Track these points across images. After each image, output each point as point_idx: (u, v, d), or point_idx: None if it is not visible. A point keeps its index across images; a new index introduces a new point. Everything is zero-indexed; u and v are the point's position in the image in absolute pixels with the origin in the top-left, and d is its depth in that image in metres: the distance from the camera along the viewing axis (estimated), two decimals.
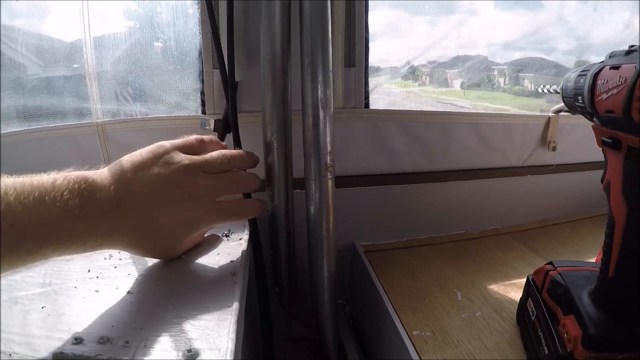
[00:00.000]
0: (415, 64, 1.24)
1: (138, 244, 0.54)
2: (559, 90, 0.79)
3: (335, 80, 0.91)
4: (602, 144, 0.60)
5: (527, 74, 1.60)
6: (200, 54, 0.89)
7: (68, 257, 0.47)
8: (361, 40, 0.94)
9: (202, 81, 0.89)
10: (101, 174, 0.51)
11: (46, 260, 0.43)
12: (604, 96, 0.60)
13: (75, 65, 0.97)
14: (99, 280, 0.58)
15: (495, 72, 1.52)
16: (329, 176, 0.71)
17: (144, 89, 0.95)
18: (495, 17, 1.48)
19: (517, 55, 1.55)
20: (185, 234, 0.58)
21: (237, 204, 0.63)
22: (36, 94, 1.02)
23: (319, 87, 0.70)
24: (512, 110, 1.34)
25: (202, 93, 0.91)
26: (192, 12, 0.90)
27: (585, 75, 0.68)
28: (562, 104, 0.76)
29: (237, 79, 0.80)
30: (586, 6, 1.48)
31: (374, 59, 1.03)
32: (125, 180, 0.51)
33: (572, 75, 0.74)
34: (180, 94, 0.94)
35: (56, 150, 0.97)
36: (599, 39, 1.54)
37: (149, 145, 0.57)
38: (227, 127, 0.81)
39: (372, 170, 1.02)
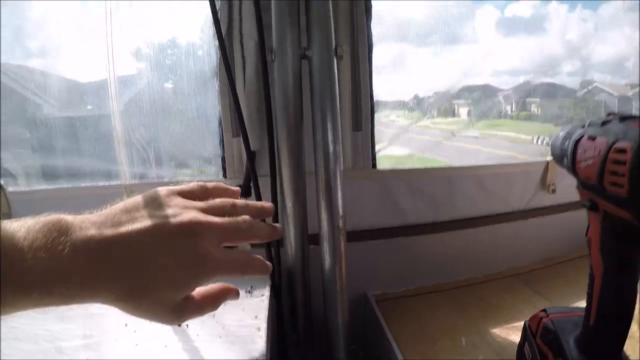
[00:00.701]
0: (422, 95, 1.31)
1: (124, 296, 0.42)
2: (549, 145, 0.87)
3: (344, 143, 1.01)
4: (583, 205, 0.68)
5: (533, 99, 1.65)
6: (220, 122, 1.00)
7: (104, 310, 0.42)
8: (367, 105, 1.05)
9: (223, 148, 1.00)
10: (83, 217, 0.43)
11: (29, 307, 0.38)
12: (582, 164, 0.69)
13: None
14: (136, 335, 0.66)
15: (502, 99, 1.57)
16: (341, 238, 0.80)
17: (168, 153, 1.06)
18: (498, 44, 1.57)
19: (523, 80, 1.59)
20: (182, 283, 0.45)
21: (248, 257, 0.52)
22: (68, 155, 1.13)
23: (330, 152, 0.80)
24: (517, 137, 1.44)
25: (223, 159, 1.01)
26: (211, 85, 1.01)
27: (569, 139, 0.77)
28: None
29: (254, 148, 0.91)
30: (587, 25, 1.54)
31: (380, 92, 1.11)
32: (111, 222, 0.43)
33: (560, 134, 0.83)
34: (202, 160, 1.04)
35: (84, 208, 1.07)
36: (602, 56, 1.59)
37: None
38: (247, 191, 0.91)
39: (380, 224, 1.11)
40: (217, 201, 0.51)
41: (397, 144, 1.28)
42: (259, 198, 0.88)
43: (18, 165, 1.16)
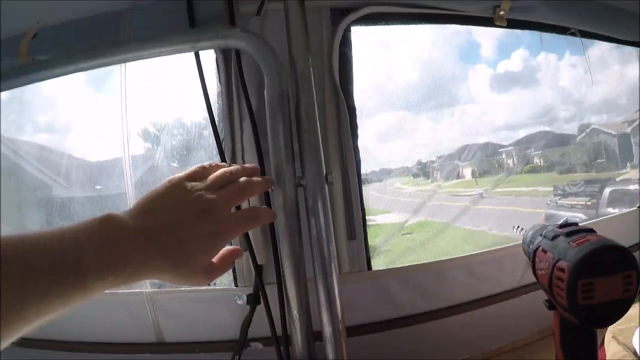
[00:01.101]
0: (424, 160, 1.40)
1: (170, 268, 0.54)
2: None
3: (340, 251, 1.15)
4: (543, 303, 0.81)
5: (535, 152, 1.73)
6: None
7: None
8: (359, 216, 1.18)
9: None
10: (127, 211, 0.55)
11: (88, 294, 0.46)
12: (539, 272, 0.83)
13: None
14: None
15: (504, 155, 1.65)
16: (342, 338, 0.92)
17: None
18: (494, 101, 1.65)
19: (522, 134, 1.68)
20: (210, 248, 0.59)
21: (251, 210, 0.72)
22: None
23: (327, 262, 0.94)
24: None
25: (234, 270, 1.14)
26: None
27: (532, 243, 0.91)
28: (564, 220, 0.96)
29: (260, 262, 1.05)
30: (577, 70, 1.57)
31: (383, 161, 1.23)
32: (147, 210, 0.56)
33: (528, 234, 0.97)
34: None
35: (109, 312, 1.20)
36: (596, 97, 1.65)
37: (193, 312, 0.71)
38: (257, 299, 1.04)
39: (378, 318, 1.22)
40: (218, 174, 0.66)
41: (404, 212, 1.39)
42: (267, 306, 1.01)
43: None
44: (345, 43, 1.15)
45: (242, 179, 0.68)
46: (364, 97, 1.22)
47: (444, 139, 1.44)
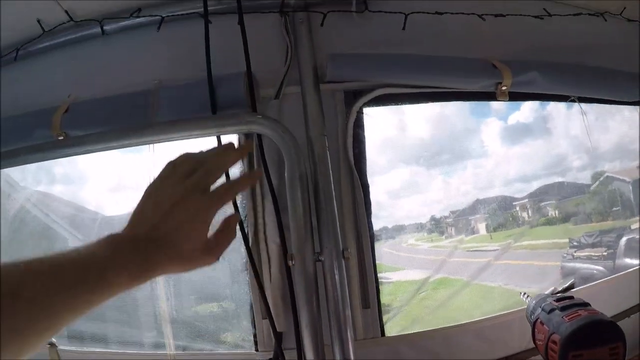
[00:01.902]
0: (438, 215, 1.46)
1: (168, 260, 0.61)
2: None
3: (355, 320, 1.24)
4: None
5: (549, 202, 1.77)
6: (251, 307, 1.24)
7: None
8: (373, 287, 1.27)
9: (254, 327, 1.22)
10: (127, 226, 0.63)
11: (112, 290, 0.54)
12: (537, 342, 0.93)
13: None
14: None
15: (518, 208, 1.67)
16: None
17: (207, 330, 1.28)
18: (507, 153, 1.68)
19: (535, 185, 1.71)
20: (190, 233, 0.64)
21: (227, 183, 0.74)
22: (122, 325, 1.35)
23: (342, 330, 1.03)
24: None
25: (255, 336, 1.23)
26: (242, 278, 1.26)
27: (534, 314, 1.01)
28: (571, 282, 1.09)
29: (280, 329, 1.14)
30: (588, 118, 1.52)
31: (397, 217, 1.30)
32: (134, 221, 0.64)
33: (531, 304, 1.07)
34: (237, 336, 1.27)
35: None
36: (608, 144, 1.66)
37: None
38: None
39: None
40: (185, 165, 0.68)
41: (421, 269, 1.43)
42: None
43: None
44: (359, 124, 1.28)
45: (211, 158, 0.72)
46: (375, 153, 1.32)
47: (457, 193, 1.51)
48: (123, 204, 1.41)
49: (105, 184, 1.47)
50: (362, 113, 1.27)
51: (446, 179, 1.47)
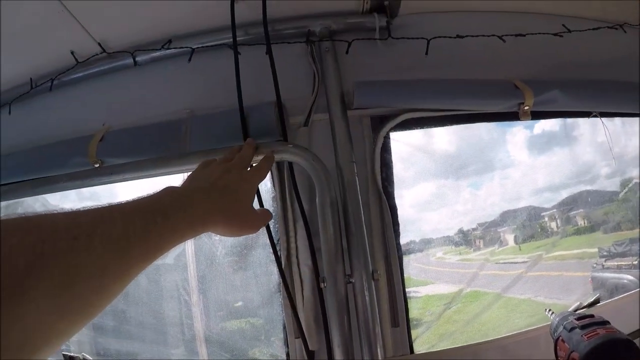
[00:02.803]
0: (466, 228, 1.45)
1: (232, 215, 0.72)
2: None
3: (385, 338, 1.30)
4: None
5: (577, 211, 1.72)
6: (284, 326, 1.31)
7: None
8: (402, 307, 1.34)
9: (287, 346, 1.28)
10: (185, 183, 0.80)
11: (176, 234, 0.58)
12: (559, 359, 0.98)
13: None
14: None
15: (546, 218, 1.69)
16: None
17: (242, 350, 1.35)
18: (534, 163, 1.66)
19: (564, 194, 1.67)
20: (249, 193, 0.82)
21: (255, 167, 0.95)
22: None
23: (373, 347, 1.10)
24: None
25: (287, 354, 1.30)
26: (275, 299, 1.34)
27: (556, 331, 1.07)
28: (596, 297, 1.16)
29: (312, 348, 1.20)
30: (614, 123, 1.56)
31: (425, 230, 1.34)
32: (192, 180, 0.81)
33: (555, 321, 1.12)
34: (270, 355, 1.33)
35: None
36: (635, 150, 1.61)
37: None
38: None
39: None
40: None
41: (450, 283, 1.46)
42: None
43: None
44: (386, 149, 1.35)
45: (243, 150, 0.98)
46: (402, 168, 1.38)
47: (485, 204, 1.52)
48: None
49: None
50: (389, 138, 1.35)
51: (473, 190, 1.50)
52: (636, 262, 2.35)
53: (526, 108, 1.32)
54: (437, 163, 1.44)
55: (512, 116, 1.36)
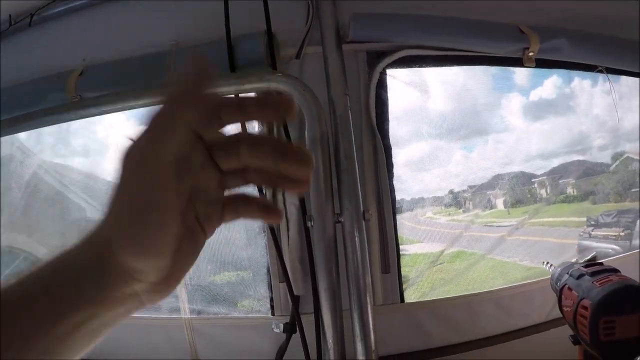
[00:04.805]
0: (456, 189, 1.44)
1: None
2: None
3: (375, 284, 1.24)
4: (568, 337, 0.91)
5: (568, 180, 1.74)
6: (268, 270, 1.25)
7: None
8: (393, 252, 1.27)
9: (271, 290, 1.24)
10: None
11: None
12: (564, 308, 0.92)
13: None
14: None
15: (536, 185, 1.70)
16: None
17: (223, 294, 1.31)
18: (528, 129, 1.65)
19: (555, 163, 1.69)
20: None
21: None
22: None
23: (362, 294, 1.05)
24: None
25: (271, 299, 1.25)
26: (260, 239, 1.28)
27: (560, 280, 1.01)
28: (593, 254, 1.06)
29: (297, 293, 1.15)
30: (611, 97, 1.53)
31: (416, 190, 1.31)
32: None
33: (557, 271, 1.07)
34: (253, 299, 1.29)
35: (147, 336, 1.32)
36: (630, 125, 1.62)
37: (230, 338, 0.91)
38: (293, 328, 1.15)
39: (409, 348, 1.30)
40: None
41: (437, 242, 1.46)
42: (303, 335, 1.12)
43: None
44: (382, 85, 1.27)
45: None
46: (395, 125, 1.32)
47: (477, 168, 1.50)
48: None
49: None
50: (385, 74, 1.27)
51: (466, 153, 1.48)
52: (623, 234, 2.36)
53: (531, 54, 1.26)
54: (431, 124, 1.41)
55: (515, 62, 1.30)
